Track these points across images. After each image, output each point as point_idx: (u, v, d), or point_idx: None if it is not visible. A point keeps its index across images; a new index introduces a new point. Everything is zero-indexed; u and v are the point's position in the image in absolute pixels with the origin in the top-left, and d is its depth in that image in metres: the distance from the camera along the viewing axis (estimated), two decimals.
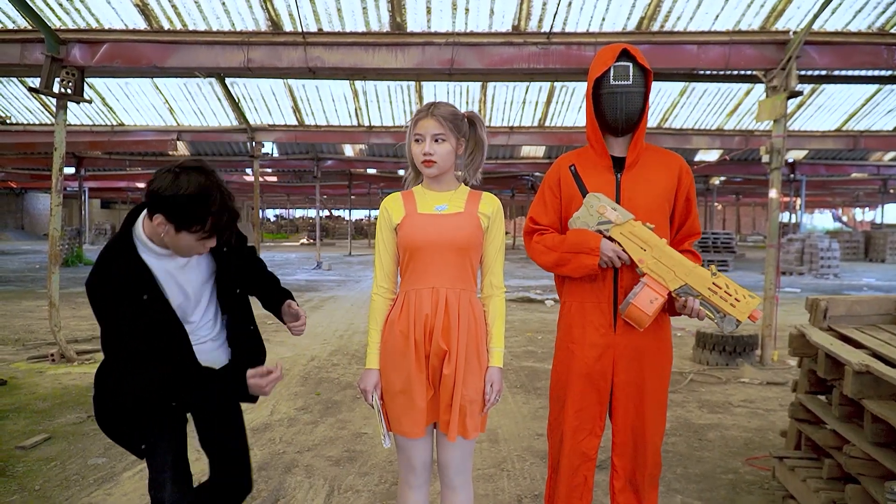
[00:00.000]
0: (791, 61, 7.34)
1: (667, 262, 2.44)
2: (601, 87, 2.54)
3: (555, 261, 2.61)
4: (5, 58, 8.16)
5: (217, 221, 2.11)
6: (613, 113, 2.53)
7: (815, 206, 56.23)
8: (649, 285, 2.43)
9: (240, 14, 7.98)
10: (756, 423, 5.35)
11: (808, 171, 23.27)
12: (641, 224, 2.47)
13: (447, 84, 12.89)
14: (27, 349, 7.96)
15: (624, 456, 2.63)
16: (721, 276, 2.42)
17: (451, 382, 2.40)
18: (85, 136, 15.47)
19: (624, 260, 2.49)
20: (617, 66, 2.50)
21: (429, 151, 2.42)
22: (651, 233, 2.46)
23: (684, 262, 2.44)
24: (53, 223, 7.56)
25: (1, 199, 43.33)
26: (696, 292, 2.43)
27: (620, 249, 2.48)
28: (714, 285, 2.41)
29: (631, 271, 2.54)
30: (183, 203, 2.04)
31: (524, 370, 7.08)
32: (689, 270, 2.42)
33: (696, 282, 2.42)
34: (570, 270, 2.57)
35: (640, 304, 2.42)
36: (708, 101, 13.89)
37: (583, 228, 2.53)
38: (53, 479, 4.06)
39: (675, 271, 2.43)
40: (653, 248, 2.45)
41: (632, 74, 2.49)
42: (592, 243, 2.48)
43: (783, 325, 8.36)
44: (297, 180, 29.38)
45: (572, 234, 2.55)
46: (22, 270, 20.33)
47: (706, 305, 2.44)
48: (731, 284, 2.41)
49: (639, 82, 2.51)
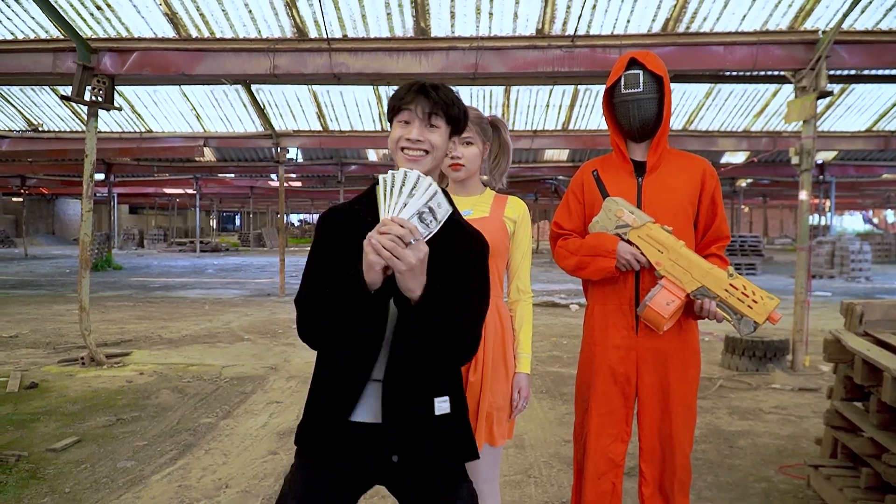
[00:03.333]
0: (821, 61, 7.23)
1: (683, 263, 2.43)
2: (614, 96, 2.59)
3: (575, 264, 2.63)
4: (38, 67, 8.32)
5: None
6: (627, 120, 2.57)
7: (845, 208, 55.37)
8: (666, 287, 2.43)
9: (266, 21, 8.05)
10: (788, 430, 5.26)
11: (838, 173, 22.93)
12: (659, 227, 2.47)
13: (470, 88, 12.90)
14: (58, 352, 8.07)
15: (652, 462, 2.60)
16: (738, 278, 2.39)
17: (478, 389, 2.38)
18: (114, 142, 15.71)
19: (642, 263, 2.49)
20: (627, 75, 2.53)
21: (457, 155, 2.41)
22: (668, 235, 2.46)
23: (701, 263, 2.43)
24: (84, 228, 7.66)
25: (33, 204, 44.03)
26: (712, 294, 2.41)
27: (638, 252, 2.49)
28: (731, 286, 2.39)
29: (652, 274, 2.54)
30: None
31: (550, 375, 7.04)
32: (705, 272, 2.41)
33: (712, 283, 2.40)
34: (590, 273, 2.59)
35: (657, 306, 2.41)
36: (734, 102, 13.74)
37: (601, 232, 2.56)
38: (83, 481, 4.10)
39: (692, 273, 2.42)
40: (669, 250, 2.45)
41: (642, 82, 2.51)
42: (609, 246, 2.51)
43: (814, 329, 8.23)
44: (322, 185, 29.56)
45: (591, 237, 2.59)
46: (53, 274, 20.64)
47: (723, 307, 2.41)
48: (748, 286, 2.39)
49: (651, 88, 2.52)
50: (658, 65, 2.52)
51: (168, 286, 17.19)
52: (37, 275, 20.60)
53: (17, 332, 9.59)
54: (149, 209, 53.69)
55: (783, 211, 60.26)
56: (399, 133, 1.81)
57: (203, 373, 6.99)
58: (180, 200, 43.92)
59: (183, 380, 6.69)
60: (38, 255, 31.29)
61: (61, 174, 27.42)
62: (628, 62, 2.54)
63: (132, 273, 21.77)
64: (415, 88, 1.82)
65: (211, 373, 7.00)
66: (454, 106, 1.83)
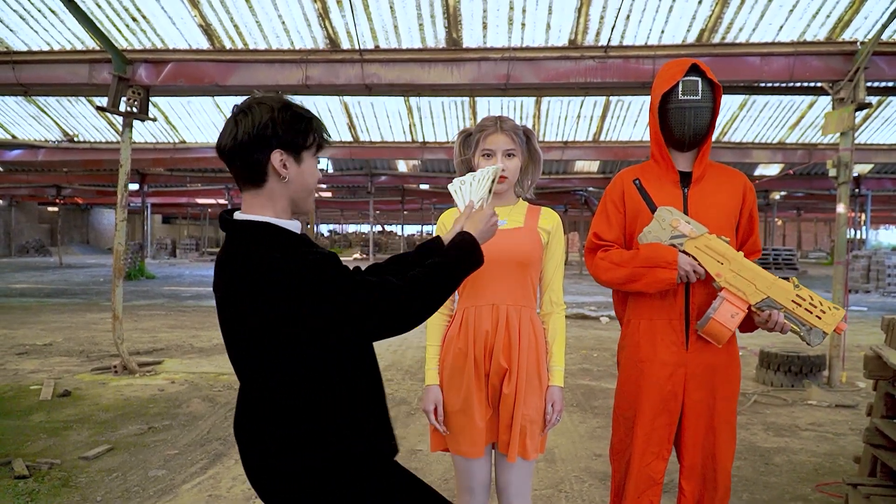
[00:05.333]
0: (859, 72, 7.10)
1: (747, 275, 2.36)
2: (669, 101, 2.48)
3: (626, 276, 2.50)
4: (75, 77, 8.46)
5: (320, 125, 1.84)
6: (681, 128, 2.48)
7: (881, 221, 54.41)
8: (728, 300, 2.36)
9: (299, 33, 8.12)
10: (825, 447, 5.14)
11: (874, 186, 22.58)
12: (717, 237, 2.40)
13: (501, 99, 12.91)
14: (91, 361, 8.17)
15: (692, 479, 2.54)
16: (803, 289, 2.34)
17: (512, 402, 2.35)
18: (148, 153, 15.96)
19: (699, 274, 2.41)
20: (686, 81, 2.45)
21: (503, 167, 2.39)
22: (728, 246, 2.39)
23: (765, 274, 2.36)
24: (118, 238, 7.75)
25: (68, 214, 44.82)
26: (779, 305, 2.34)
27: (696, 263, 2.41)
28: (798, 297, 2.33)
29: (703, 286, 2.47)
30: (289, 117, 1.75)
31: (580, 388, 6.97)
32: (770, 283, 2.35)
33: (779, 294, 2.34)
34: (645, 286, 2.47)
35: (722, 318, 2.34)
36: (769, 114, 13.59)
37: (656, 243, 2.45)
38: (115, 489, 4.13)
39: (756, 284, 2.35)
40: (731, 261, 2.37)
41: (701, 89, 2.44)
42: (669, 257, 2.40)
43: (850, 344, 8.07)
44: (352, 196, 29.75)
45: (646, 248, 2.47)
46: (87, 283, 20.96)
47: (791, 318, 2.35)
48: (814, 296, 2.33)
49: (707, 97, 2.46)
50: (712, 74, 2.48)
51: (199, 295, 17.36)
52: (71, 283, 20.94)
53: (51, 340, 9.74)
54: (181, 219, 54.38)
55: (817, 224, 59.34)
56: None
57: (234, 382, 7.03)
58: (212, 210, 44.40)
59: (214, 388, 6.73)
60: (72, 264, 31.81)
61: (96, 184, 27.92)
62: (689, 69, 2.46)
63: (164, 282, 22.04)
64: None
65: None
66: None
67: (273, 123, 1.70)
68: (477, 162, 2.46)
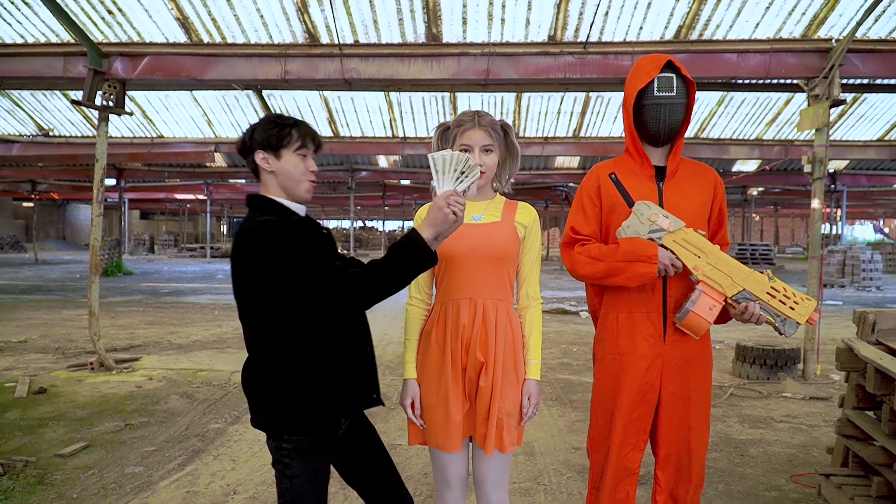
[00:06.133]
0: (834, 69, 7.19)
1: (723, 268, 2.41)
2: (644, 97, 2.50)
3: (606, 270, 2.51)
4: (49, 71, 8.34)
5: (303, 129, 2.24)
6: (657, 124, 2.51)
7: (856, 217, 55.14)
8: (706, 292, 2.41)
9: (277, 27, 8.06)
10: (799, 438, 5.21)
11: (849, 182, 22.90)
12: (694, 231, 2.45)
13: (482, 94, 12.91)
14: (67, 357, 8.09)
15: (668, 469, 2.58)
16: (777, 281, 2.40)
17: (488, 395, 2.36)
18: (125, 147, 15.81)
19: (678, 268, 2.46)
20: (661, 77, 2.48)
21: (479, 163, 2.40)
22: (704, 239, 2.44)
23: (741, 267, 2.42)
24: (94, 233, 7.68)
25: (43, 209, 44.34)
26: (755, 297, 2.40)
27: (675, 257, 2.45)
28: (773, 289, 2.39)
29: (680, 280, 2.51)
30: (265, 126, 2.22)
31: (559, 382, 7.01)
32: (746, 275, 2.41)
33: (754, 287, 2.40)
34: (625, 280, 2.49)
35: (700, 311, 2.39)
36: (746, 110, 13.72)
37: (635, 237, 2.48)
38: (91, 487, 4.10)
39: (733, 277, 2.41)
40: (708, 254, 2.43)
41: (675, 86, 2.47)
42: (650, 251, 2.43)
43: (825, 338, 8.18)
44: (332, 191, 29.62)
45: (626, 242, 2.48)
46: (63, 280, 20.74)
47: (766, 309, 2.40)
48: (787, 288, 2.40)
49: (682, 93, 2.49)
50: (686, 71, 2.51)
51: (178, 291, 17.24)
52: (47, 280, 20.71)
53: (26, 337, 9.63)
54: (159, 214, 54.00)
55: (794, 220, 60.04)
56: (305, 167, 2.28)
57: (212, 378, 6.99)
58: (191, 206, 44.12)
59: (192, 385, 6.69)
60: (48, 260, 31.47)
61: (72, 179, 27.63)
62: (664, 65, 2.48)
63: (142, 278, 21.86)
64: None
65: (220, 378, 7.00)
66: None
67: (252, 131, 2.25)
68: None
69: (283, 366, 2.14)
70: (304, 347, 2.13)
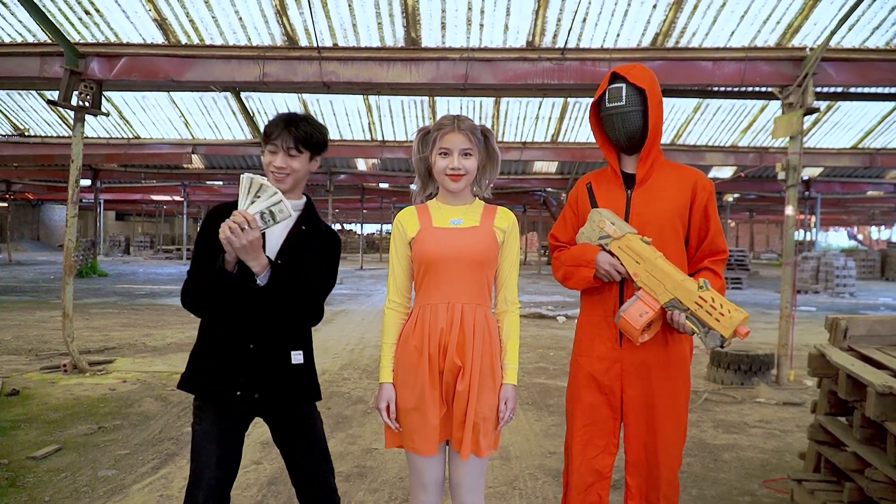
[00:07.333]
0: (808, 78, 7.30)
1: (658, 275, 2.43)
2: (599, 109, 2.64)
3: (563, 275, 2.70)
4: (25, 71, 8.25)
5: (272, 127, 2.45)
6: (614, 133, 2.60)
7: (830, 223, 55.88)
8: (642, 299, 2.44)
9: (256, 29, 8.03)
10: (773, 444, 5.27)
11: (824, 189, 23.16)
12: (638, 237, 2.48)
13: (460, 99, 12.94)
14: (40, 359, 7.98)
15: (637, 475, 2.59)
16: (709, 290, 2.36)
17: (465, 399, 2.37)
18: (102, 148, 15.63)
19: (622, 273, 2.51)
20: (610, 89, 2.57)
21: (457, 166, 2.41)
22: (645, 246, 2.46)
23: (674, 275, 2.41)
24: (69, 234, 7.60)
25: (18, 210, 43.68)
26: (683, 306, 2.40)
27: (618, 263, 2.50)
28: (700, 299, 2.36)
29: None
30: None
31: (536, 387, 7.03)
32: (677, 284, 2.40)
33: (683, 295, 2.39)
34: (574, 283, 2.65)
35: (630, 317, 2.42)
36: (722, 117, 13.86)
37: (585, 243, 2.60)
38: (63, 490, 4.05)
39: (665, 284, 2.41)
40: (645, 261, 2.45)
41: (624, 95, 2.53)
42: (589, 256, 2.55)
43: (799, 344, 8.27)
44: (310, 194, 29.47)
45: (575, 248, 2.65)
46: (37, 281, 20.47)
47: (691, 319, 2.39)
48: (717, 298, 2.35)
49: (634, 101, 2.53)
50: (642, 77, 2.52)
51: (153, 293, 17.08)
52: (21, 281, 20.43)
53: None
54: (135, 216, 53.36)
55: (769, 226, 60.70)
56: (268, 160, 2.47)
57: None
58: (167, 208, 43.68)
59: (166, 388, 6.63)
60: (22, 261, 31.04)
61: (47, 179, 27.27)
62: (611, 76, 2.57)
63: (117, 280, 21.63)
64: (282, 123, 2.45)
65: None
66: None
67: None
68: (434, 160, 2.47)
69: (197, 337, 2.50)
70: (201, 326, 2.48)
